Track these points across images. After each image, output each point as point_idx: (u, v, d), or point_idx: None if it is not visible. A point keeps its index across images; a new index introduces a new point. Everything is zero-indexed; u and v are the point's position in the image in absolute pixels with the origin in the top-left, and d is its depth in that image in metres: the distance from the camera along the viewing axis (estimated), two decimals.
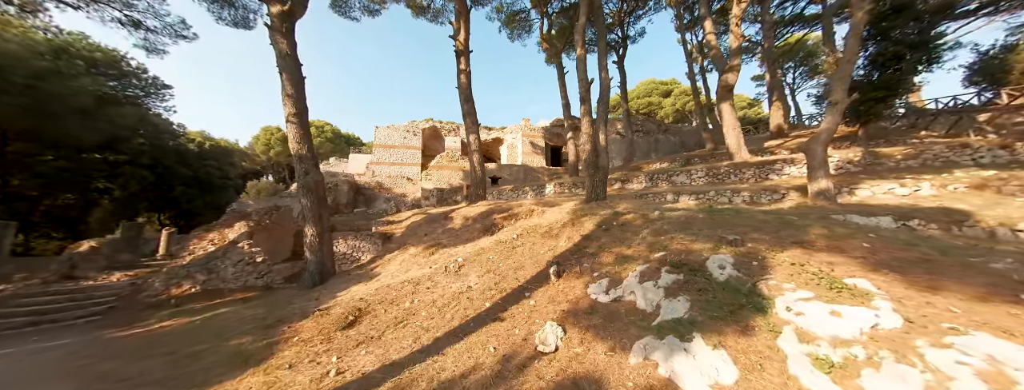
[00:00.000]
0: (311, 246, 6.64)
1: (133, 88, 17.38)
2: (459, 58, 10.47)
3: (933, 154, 6.18)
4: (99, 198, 19.04)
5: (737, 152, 9.57)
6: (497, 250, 5.97)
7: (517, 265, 5.06)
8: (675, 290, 2.98)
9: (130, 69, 16.99)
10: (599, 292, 3.57)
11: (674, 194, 7.22)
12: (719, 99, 9.69)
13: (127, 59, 16.58)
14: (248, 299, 6.92)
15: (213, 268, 7.54)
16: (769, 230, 3.65)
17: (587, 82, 7.50)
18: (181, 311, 6.28)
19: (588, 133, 7.46)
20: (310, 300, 5.85)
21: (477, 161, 10.52)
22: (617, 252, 4.29)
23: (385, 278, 6.27)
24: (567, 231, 5.72)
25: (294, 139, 6.70)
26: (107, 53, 15.60)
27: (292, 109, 6.72)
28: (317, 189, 6.80)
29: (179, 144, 20.97)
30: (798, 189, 5.69)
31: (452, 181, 18.70)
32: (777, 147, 12.25)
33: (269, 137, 43.37)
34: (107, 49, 15.79)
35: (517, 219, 7.98)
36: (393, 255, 7.60)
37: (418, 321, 4.13)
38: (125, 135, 17.58)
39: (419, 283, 5.39)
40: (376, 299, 5.04)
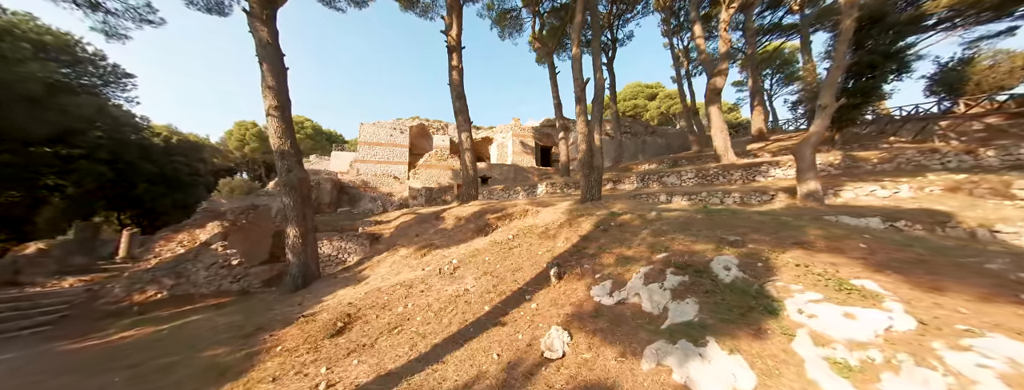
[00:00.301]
0: (294, 247, 6.27)
1: (90, 76, 15.99)
2: (451, 54, 10.23)
3: (906, 158, 6.56)
4: (49, 196, 17.39)
5: (724, 154, 9.84)
6: (493, 251, 5.84)
7: (515, 267, 4.94)
8: (682, 292, 2.95)
9: (86, 55, 15.62)
10: (602, 294, 3.51)
11: (667, 195, 7.32)
12: (707, 102, 9.95)
13: (82, 44, 15.22)
14: (222, 305, 6.45)
15: (182, 272, 6.99)
16: (768, 231, 3.69)
17: (583, 82, 7.48)
18: (146, 319, 5.77)
19: (583, 133, 7.43)
20: (293, 305, 5.51)
21: (469, 160, 10.32)
22: (618, 253, 4.25)
23: (375, 281, 6.00)
24: (565, 232, 5.66)
25: (276, 134, 6.31)
26: (59, 37, 14.26)
27: (273, 101, 6.32)
28: (301, 187, 6.43)
29: (143, 138, 19.47)
30: (786, 190, 5.88)
31: (441, 180, 18.35)
32: (759, 150, 12.71)
33: (244, 132, 41.29)
34: (59, 32, 14.44)
35: (511, 219, 7.86)
36: (382, 257, 7.31)
37: (413, 327, 3.95)
38: (80, 127, 16.15)
39: (412, 286, 5.18)
40: (367, 304, 4.80)
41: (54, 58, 14.22)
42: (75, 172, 16.72)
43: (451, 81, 10.25)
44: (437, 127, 24.89)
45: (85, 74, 15.81)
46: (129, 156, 17.84)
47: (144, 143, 19.19)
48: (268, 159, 43.62)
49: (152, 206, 19.16)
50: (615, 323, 2.96)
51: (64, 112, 13.34)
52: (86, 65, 15.79)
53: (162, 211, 19.81)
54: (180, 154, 21.06)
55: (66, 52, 14.67)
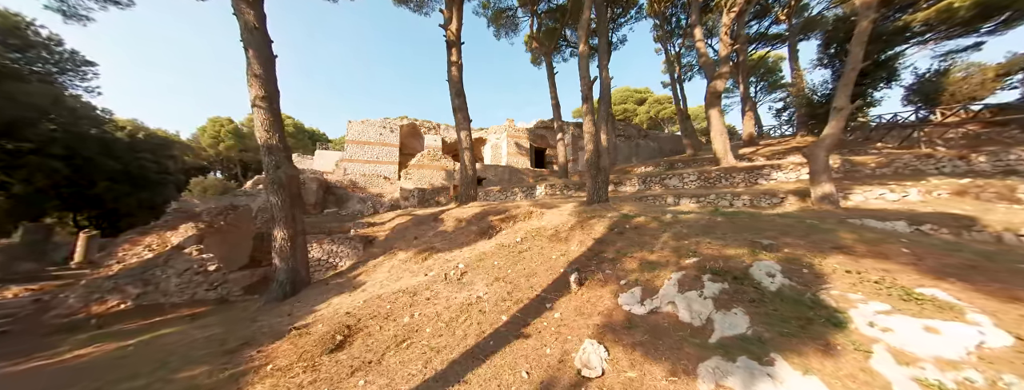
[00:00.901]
0: (282, 251, 5.75)
1: (43, 62, 14.56)
2: (450, 49, 9.89)
3: (903, 163, 6.77)
4: None
5: (724, 157, 9.94)
6: (501, 255, 5.54)
7: (528, 272, 4.67)
8: (726, 301, 2.75)
9: (39, 39, 14.21)
10: (632, 302, 3.29)
11: (674, 197, 7.25)
12: (707, 105, 10.06)
13: (35, 26, 13.85)
14: (198, 316, 5.84)
15: (150, 279, 6.31)
16: (797, 234, 3.58)
17: (590, 80, 7.33)
18: (106, 334, 5.11)
19: (590, 132, 7.27)
20: (281, 316, 5.01)
21: (468, 160, 9.98)
22: (640, 257, 4.06)
23: (373, 288, 5.58)
24: (577, 234, 5.44)
25: (262, 126, 5.79)
26: (7, 17, 12.90)
27: (260, 91, 5.81)
28: (290, 185, 5.93)
29: (104, 132, 17.95)
30: (795, 193, 5.91)
31: (433, 181, 17.85)
32: (752, 154, 12.97)
33: (218, 129, 39.30)
34: (7, 12, 13.07)
35: (515, 221, 7.59)
36: (379, 261, 6.87)
37: (424, 339, 3.60)
38: (29, 118, 14.66)
39: (416, 293, 4.81)
40: (367, 313, 4.40)
41: (1, 41, 12.85)
42: (23, 168, 15.17)
43: (450, 77, 9.90)
44: (428, 127, 24.36)
45: (38, 60, 14.38)
46: (88, 151, 16.35)
47: (106, 138, 17.66)
48: (245, 157, 41.61)
49: (114, 206, 17.63)
50: (654, 336, 2.74)
51: (12, 99, 12.04)
52: (39, 50, 14.37)
53: (126, 212, 18.27)
54: (147, 150, 19.56)
55: (15, 35, 13.29)
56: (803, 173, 7.66)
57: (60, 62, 14.95)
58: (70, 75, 15.27)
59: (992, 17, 13.20)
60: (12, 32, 13.10)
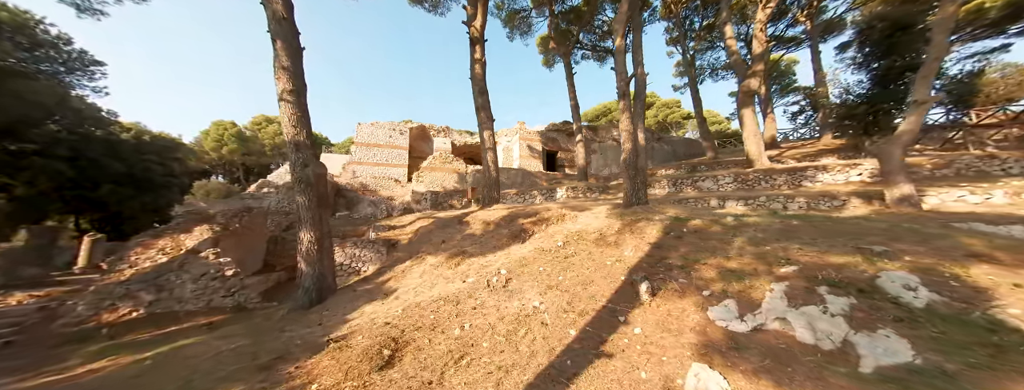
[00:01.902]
0: (309, 255, 5.39)
1: (51, 61, 14.41)
2: (474, 46, 9.65)
3: (964, 164, 6.43)
4: None
5: (758, 159, 9.61)
6: (545, 260, 5.17)
7: (583, 279, 4.30)
8: (863, 320, 2.37)
9: (47, 37, 14.07)
10: (728, 317, 2.91)
11: (718, 199, 6.90)
12: (739, 105, 9.77)
13: (44, 24, 13.72)
14: (217, 325, 5.46)
15: (164, 284, 5.94)
16: (911, 240, 3.22)
17: (627, 76, 7.04)
18: (120, 345, 4.73)
19: (628, 131, 6.95)
20: (312, 326, 4.64)
21: (491, 160, 9.66)
22: (716, 265, 3.69)
23: (407, 295, 5.20)
24: (628, 238, 5.07)
25: (290, 122, 5.49)
26: (15, 14, 12.77)
27: (287, 85, 5.52)
28: (318, 184, 5.60)
29: (110, 133, 17.76)
30: (857, 195, 5.56)
31: (446, 184, 17.53)
32: (778, 156, 12.65)
33: (222, 132, 39.31)
34: (16, 9, 12.94)
35: (547, 224, 7.24)
36: (407, 266, 6.50)
37: (483, 355, 3.22)
38: (35, 118, 14.45)
39: (459, 302, 4.43)
40: (410, 324, 4.02)
41: (9, 38, 12.69)
42: (26, 169, 14.90)
43: (473, 75, 9.64)
44: (437, 130, 24.20)
45: (45, 59, 14.21)
46: (93, 153, 16.09)
47: (111, 139, 17.44)
48: (247, 161, 41.52)
49: (118, 209, 17.32)
50: (777, 360, 2.36)
51: (20, 98, 11.82)
52: (47, 49, 14.22)
53: (129, 215, 17.94)
54: (153, 153, 19.31)
55: (23, 32, 13.13)
56: (852, 175, 7.31)
57: (68, 61, 14.80)
58: (78, 75, 15.10)
59: (1022, 18, 12.96)
60: (20, 29, 12.95)
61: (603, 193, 11.67)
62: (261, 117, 42.82)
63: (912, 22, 9.13)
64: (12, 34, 12.90)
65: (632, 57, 7.64)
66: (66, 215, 18.77)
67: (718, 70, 28.24)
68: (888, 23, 9.17)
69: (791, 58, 28.26)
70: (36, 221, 17.26)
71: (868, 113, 9.49)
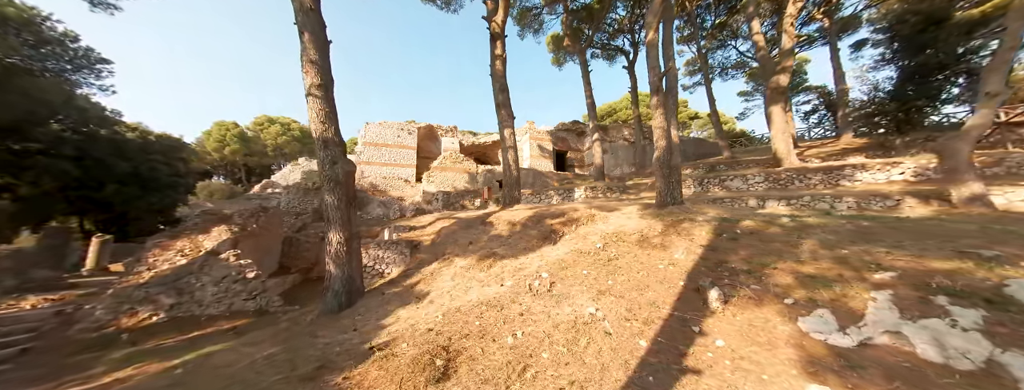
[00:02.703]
0: (338, 257, 5.20)
1: (57, 59, 14.27)
2: (494, 42, 9.49)
3: (1015, 162, 6.24)
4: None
5: (787, 158, 9.41)
6: (586, 263, 4.98)
7: (636, 284, 4.10)
8: (1008, 336, 2.15)
9: (53, 35, 13.94)
10: (826, 330, 2.70)
11: (757, 199, 6.70)
12: (769, 101, 9.58)
13: (50, 20, 13.59)
14: (241, 330, 5.25)
15: (185, 287, 5.73)
16: (1015, 244, 3.02)
17: (660, 71, 6.86)
18: (143, 352, 4.52)
19: (662, 127, 6.76)
20: (345, 331, 4.43)
21: (512, 159, 9.48)
22: (789, 270, 3.48)
23: (442, 299, 4.99)
24: (676, 240, 4.87)
25: (318, 117, 5.30)
26: (22, 10, 12.63)
27: (316, 79, 5.34)
28: (347, 183, 5.41)
29: (115, 133, 17.58)
30: (911, 194, 5.37)
31: (456, 184, 17.35)
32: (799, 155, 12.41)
33: (224, 133, 39.28)
34: (22, 5, 12.81)
35: (577, 225, 7.04)
36: (434, 268, 6.29)
37: (547, 368, 3.02)
38: (41, 117, 14.31)
39: (503, 307, 4.23)
40: (455, 331, 3.82)
41: (15, 35, 12.55)
42: (31, 169, 14.73)
43: (494, 71, 9.48)
44: (445, 130, 24.07)
45: (51, 56, 14.08)
46: (99, 152, 15.93)
47: (117, 139, 17.28)
48: (249, 162, 41.43)
49: (123, 210, 17.14)
50: (909, 383, 2.14)
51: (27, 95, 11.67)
52: (53, 46, 14.08)
53: (135, 216, 17.76)
54: (158, 153, 19.15)
55: (29, 29, 13.00)
56: (894, 173, 7.11)
57: (74, 59, 14.65)
58: (84, 73, 14.96)
59: None
60: (27, 25, 12.82)
61: (623, 193, 11.47)
62: (263, 117, 42.77)
63: (946, 16, 8.96)
64: (18, 30, 12.77)
65: (664, 52, 7.46)
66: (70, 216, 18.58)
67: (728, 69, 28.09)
68: (921, 17, 8.99)
69: (802, 57, 28.11)
70: (40, 222, 17.08)
71: (899, 110, 9.30)
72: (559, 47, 21.12)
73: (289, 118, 43.40)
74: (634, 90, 20.27)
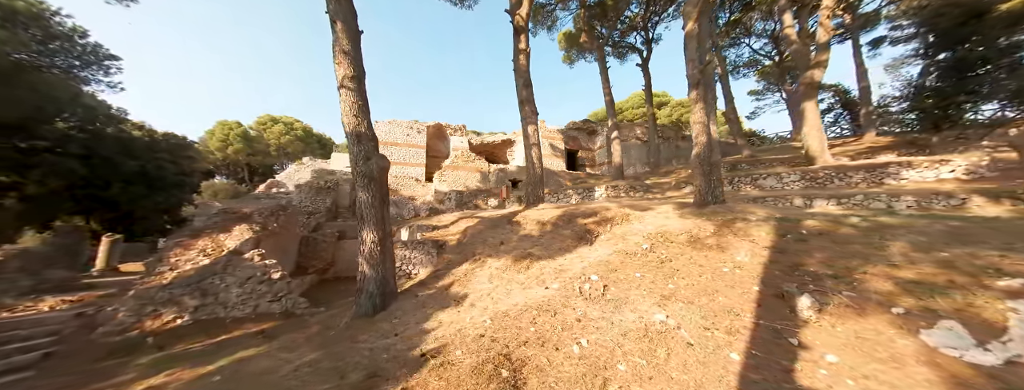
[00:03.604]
0: (372, 257, 4.97)
1: (65, 55, 14.11)
2: (518, 36, 9.28)
3: None
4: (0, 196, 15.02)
5: (820, 156, 9.16)
6: (636, 265, 4.75)
7: (702, 289, 3.86)
8: None
9: (61, 30, 13.77)
10: (961, 345, 2.44)
11: (803, 198, 6.46)
12: (802, 97, 9.34)
13: (59, 15, 13.43)
14: (270, 333, 5.03)
15: (209, 289, 5.52)
16: None
17: (700, 63, 6.63)
18: (172, 357, 4.30)
19: (701, 123, 6.53)
20: (387, 336, 4.20)
21: (536, 157, 9.26)
22: (884, 274, 3.24)
23: (483, 301, 4.76)
24: (734, 241, 4.64)
25: (351, 111, 5.09)
26: (31, 4, 12.46)
27: (349, 71, 5.13)
28: (382, 179, 5.19)
29: (122, 131, 17.42)
30: (979, 193, 5.12)
31: (468, 183, 17.13)
32: None
33: (227, 132, 39.21)
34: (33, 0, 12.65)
35: (611, 224, 6.81)
36: (466, 269, 6.06)
37: (630, 383, 2.80)
38: (48, 114, 14.15)
39: (555, 312, 4.00)
40: (510, 338, 3.59)
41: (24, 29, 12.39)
42: (37, 167, 14.57)
43: (517, 66, 9.26)
44: (454, 128, 23.88)
45: (59, 52, 13.92)
46: (106, 151, 15.77)
47: (124, 137, 17.12)
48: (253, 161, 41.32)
49: (130, 209, 16.97)
50: None
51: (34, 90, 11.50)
52: (62, 42, 13.92)
53: (141, 215, 17.59)
54: (165, 151, 18.99)
55: (38, 24, 12.84)
56: (943, 171, 6.87)
57: (82, 55, 14.48)
58: (93, 69, 14.79)
59: None
60: (35, 20, 12.65)
61: (647, 192, 11.23)
62: (267, 117, 42.68)
63: (989, 8, 8.69)
64: (27, 25, 12.60)
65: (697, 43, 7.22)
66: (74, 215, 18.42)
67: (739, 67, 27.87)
68: (963, 10, 8.73)
69: None
70: (46, 221, 16.93)
71: (937, 107, 9.03)
72: (572, 44, 20.92)
73: (292, 117, 43.31)
74: (648, 88, 20.04)
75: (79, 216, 17.83)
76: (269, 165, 44.76)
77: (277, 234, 7.54)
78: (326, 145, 46.44)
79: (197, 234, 6.46)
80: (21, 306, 5.33)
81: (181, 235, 6.38)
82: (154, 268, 5.67)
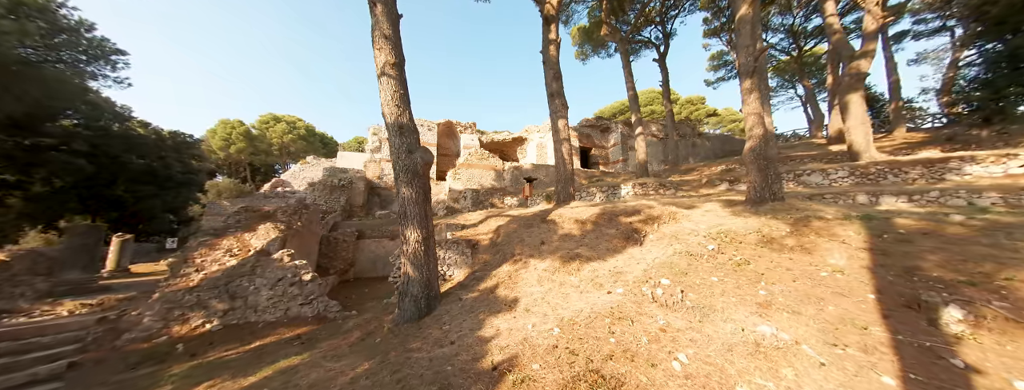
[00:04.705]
0: (416, 257, 4.65)
1: (71, 49, 13.82)
2: (548, 25, 8.93)
3: None
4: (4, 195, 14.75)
5: (865, 150, 8.79)
6: (707, 268, 4.42)
7: (804, 295, 3.53)
8: None
9: (68, 23, 13.48)
10: None
11: (867, 195, 6.10)
12: (846, 89, 8.97)
13: (66, 7, 13.13)
14: (307, 339, 4.71)
15: (237, 291, 5.21)
16: None
17: (756, 50, 6.28)
18: (209, 366, 3.98)
19: (756, 113, 6.19)
20: (441, 344, 3.87)
21: (566, 153, 8.92)
22: None
23: (538, 307, 4.43)
24: (819, 242, 4.31)
25: (392, 100, 4.76)
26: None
27: (390, 57, 4.80)
28: (425, 174, 4.86)
29: (129, 128, 17.15)
30: None
31: (483, 182, 16.80)
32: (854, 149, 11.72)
33: (229, 131, 39.04)
34: None
35: (658, 223, 6.48)
36: (507, 270, 5.73)
37: None
38: (54, 110, 13.88)
39: (631, 320, 3.68)
40: (591, 350, 3.26)
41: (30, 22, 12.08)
42: (42, 165, 14.31)
43: (547, 57, 8.91)
44: (464, 126, 23.60)
45: (66, 46, 13.62)
46: (113, 149, 15.51)
47: (130, 135, 16.85)
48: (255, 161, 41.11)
49: (136, 208, 16.69)
50: None
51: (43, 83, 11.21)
52: (68, 35, 13.62)
53: (147, 215, 17.32)
54: (172, 149, 18.71)
55: (45, 16, 12.55)
56: (1012, 166, 6.50)
57: (89, 49, 14.18)
58: (100, 64, 14.49)
59: None
60: (42, 13, 12.35)
61: (677, 190, 10.88)
62: (269, 116, 42.47)
63: None
64: (33, 17, 12.30)
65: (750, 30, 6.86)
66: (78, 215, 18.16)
67: None
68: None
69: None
70: (50, 221, 16.67)
71: (991, 99, 8.65)
72: (587, 39, 20.57)
73: (295, 116, 43.14)
74: (665, 84, 19.67)
75: (84, 216, 17.59)
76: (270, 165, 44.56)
77: (301, 233, 7.23)
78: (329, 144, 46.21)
79: (221, 233, 6.14)
80: (38, 311, 5.02)
81: (205, 236, 6.06)
82: (179, 269, 5.35)
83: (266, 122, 42.06)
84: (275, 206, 7.03)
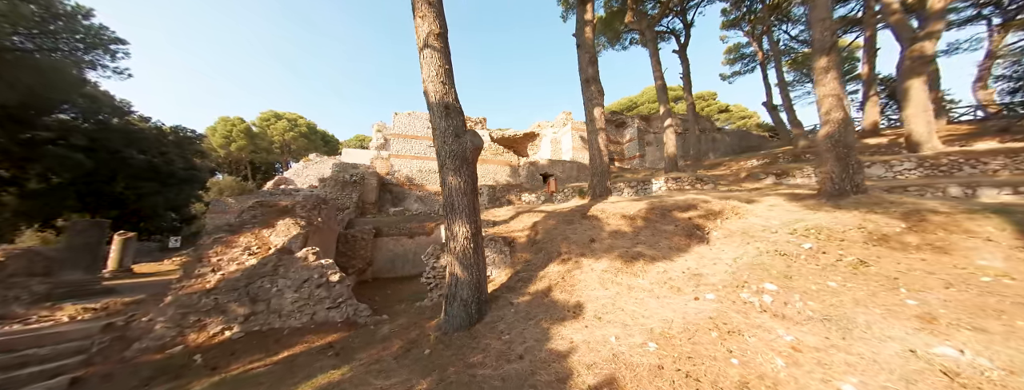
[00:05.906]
0: (465, 256, 4.09)
1: (68, 36, 13.26)
2: (584, 5, 8.36)
3: None
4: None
5: (926, 141, 8.20)
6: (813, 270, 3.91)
7: (973, 306, 2.99)
8: None
9: (64, 8, 12.90)
10: None
11: (961, 187, 5.53)
12: (907, 73, 8.36)
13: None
14: (337, 347, 4.17)
15: (258, 294, 4.66)
16: None
17: (830, 27, 5.70)
18: (235, 382, 3.44)
19: (834, 95, 5.62)
20: (507, 358, 3.31)
21: (602, 144, 8.36)
22: None
23: (613, 314, 3.87)
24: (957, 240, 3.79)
25: (437, 76, 4.19)
26: None
27: (434, 26, 4.24)
28: (474, 160, 4.30)
29: (129, 123, 16.61)
30: None
31: (498, 178, 16.25)
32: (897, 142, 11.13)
33: (230, 129, 38.55)
34: None
35: (721, 219, 5.93)
36: (558, 270, 5.18)
37: None
38: (51, 103, 13.34)
39: (747, 334, 3.14)
40: (713, 374, 2.71)
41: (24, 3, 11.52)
42: (39, 160, 13.77)
43: (582, 40, 8.34)
44: (474, 121, 23.03)
45: (62, 33, 13.04)
46: (113, 144, 14.97)
47: (131, 129, 16.31)
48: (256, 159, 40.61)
49: (137, 206, 16.17)
50: None
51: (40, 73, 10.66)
52: (64, 22, 13.04)
53: (148, 213, 16.80)
54: (173, 145, 18.18)
55: (38, 1, 11.97)
56: None
57: (87, 38, 13.62)
58: (98, 54, 13.93)
59: None
60: None
61: (715, 185, 10.30)
62: (270, 113, 41.99)
63: None
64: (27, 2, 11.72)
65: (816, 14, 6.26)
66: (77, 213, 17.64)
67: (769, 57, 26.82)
68: None
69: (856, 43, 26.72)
70: (47, 219, 16.17)
71: None
72: (604, 29, 19.94)
73: (296, 113, 42.67)
74: (687, 75, 19.05)
75: (82, 214, 17.07)
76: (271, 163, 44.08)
77: (321, 230, 6.68)
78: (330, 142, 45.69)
79: (238, 229, 5.59)
80: (36, 316, 4.48)
81: (220, 233, 5.51)
82: (193, 269, 4.80)
83: (267, 119, 41.54)
84: (291, 201, 6.48)
